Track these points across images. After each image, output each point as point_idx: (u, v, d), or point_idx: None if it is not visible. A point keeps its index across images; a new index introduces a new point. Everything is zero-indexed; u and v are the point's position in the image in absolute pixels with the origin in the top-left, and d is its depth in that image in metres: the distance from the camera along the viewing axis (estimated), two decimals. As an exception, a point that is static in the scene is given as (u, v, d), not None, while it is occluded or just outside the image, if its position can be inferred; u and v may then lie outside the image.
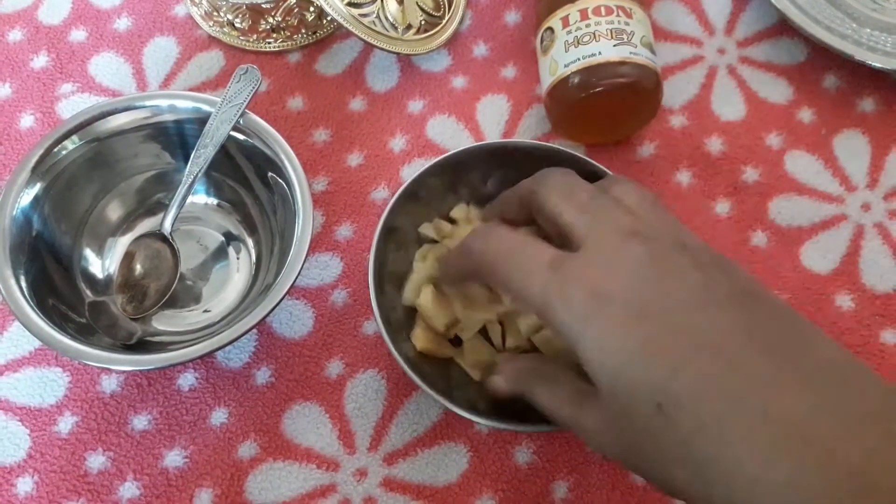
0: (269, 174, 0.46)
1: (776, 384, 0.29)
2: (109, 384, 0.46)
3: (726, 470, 0.29)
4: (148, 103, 0.46)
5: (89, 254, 0.48)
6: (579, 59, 0.48)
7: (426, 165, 0.46)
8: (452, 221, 0.48)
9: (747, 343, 0.30)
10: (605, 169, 0.46)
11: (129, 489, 0.44)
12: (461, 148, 0.46)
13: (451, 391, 0.43)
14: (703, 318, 0.31)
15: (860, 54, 0.53)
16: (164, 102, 0.46)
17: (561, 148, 0.47)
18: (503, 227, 0.39)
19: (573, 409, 0.35)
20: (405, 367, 0.41)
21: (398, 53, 0.53)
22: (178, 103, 0.46)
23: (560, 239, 0.36)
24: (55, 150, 0.45)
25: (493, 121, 0.54)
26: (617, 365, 0.31)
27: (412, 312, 0.46)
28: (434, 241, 0.48)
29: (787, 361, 0.30)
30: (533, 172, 0.47)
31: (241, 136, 0.46)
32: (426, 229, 0.47)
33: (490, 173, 0.48)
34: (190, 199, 0.47)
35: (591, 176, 0.46)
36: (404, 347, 0.43)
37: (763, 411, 0.29)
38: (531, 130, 0.54)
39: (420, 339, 0.44)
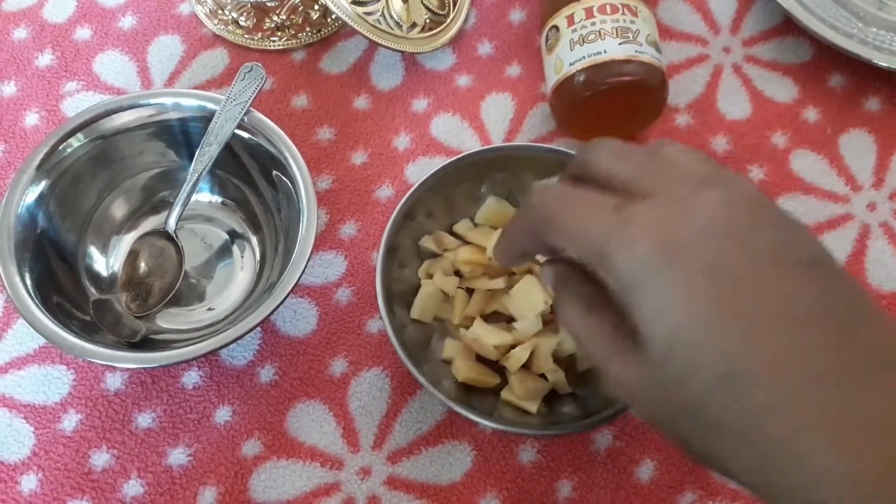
0: (274, 172, 0.46)
1: (858, 372, 0.27)
2: (114, 382, 0.46)
3: (797, 456, 0.27)
4: (153, 101, 0.46)
5: (94, 251, 0.48)
6: (584, 58, 0.48)
7: (418, 182, 0.46)
8: (454, 235, 0.48)
9: (829, 321, 0.28)
10: None
11: (133, 487, 0.44)
12: (448, 161, 0.47)
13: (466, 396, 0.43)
14: (787, 286, 0.28)
15: (866, 53, 0.53)
16: (168, 100, 0.47)
17: (545, 146, 0.48)
18: (562, 183, 0.35)
19: (608, 350, 0.32)
20: (434, 391, 0.41)
21: (403, 52, 0.53)
22: (183, 101, 0.46)
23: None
24: (60, 147, 0.45)
25: (497, 119, 0.54)
26: (681, 322, 0.28)
27: (423, 327, 0.46)
28: (435, 255, 0.48)
29: (865, 348, 0.28)
30: (526, 173, 0.48)
31: (245, 135, 0.46)
32: (427, 242, 0.47)
33: (483, 179, 0.48)
34: (194, 197, 0.47)
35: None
36: (419, 358, 0.43)
37: (842, 403, 0.27)
38: (536, 129, 0.54)
39: (461, 370, 0.44)
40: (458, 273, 0.47)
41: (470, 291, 0.47)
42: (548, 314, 0.45)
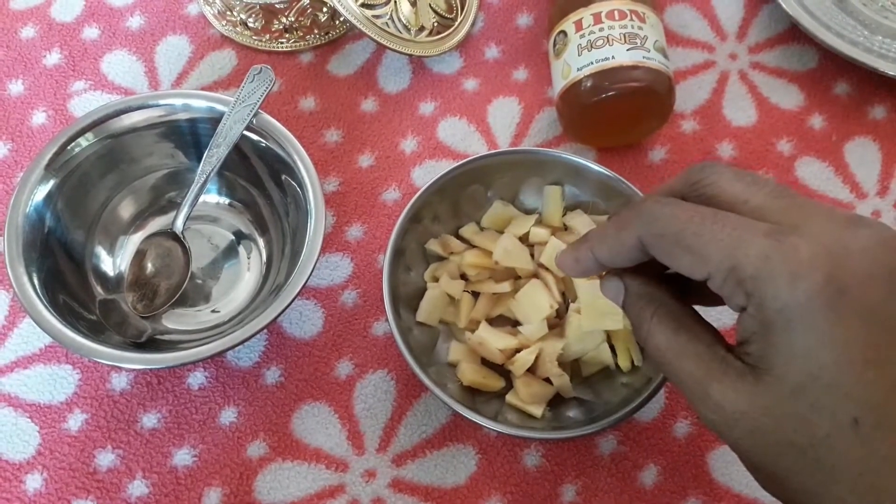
0: (283, 176, 0.46)
1: None
2: (119, 382, 0.46)
3: None
4: (162, 102, 0.47)
5: (101, 251, 0.48)
6: (592, 63, 0.48)
7: (426, 185, 0.46)
8: (460, 239, 0.48)
9: None
10: (617, 176, 0.46)
11: (137, 487, 0.44)
12: (455, 164, 0.47)
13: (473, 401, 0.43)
14: None
15: (871, 61, 0.53)
16: (178, 101, 0.47)
17: (548, 151, 0.48)
18: (681, 201, 0.33)
19: (705, 372, 0.31)
20: (439, 394, 0.41)
21: (410, 55, 0.53)
22: (193, 102, 0.47)
23: None
24: (69, 147, 0.45)
25: (504, 123, 0.54)
26: (826, 362, 0.28)
27: (428, 330, 0.46)
28: (441, 259, 0.48)
29: None
30: (532, 178, 0.48)
31: (255, 137, 0.46)
32: (433, 245, 0.48)
33: (490, 183, 0.48)
34: (202, 198, 0.47)
35: (599, 184, 0.47)
36: (424, 361, 0.43)
37: None
38: (542, 133, 0.54)
39: (467, 373, 0.44)
40: (463, 276, 0.47)
41: (475, 295, 0.47)
42: (553, 318, 0.45)
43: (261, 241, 0.49)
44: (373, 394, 0.46)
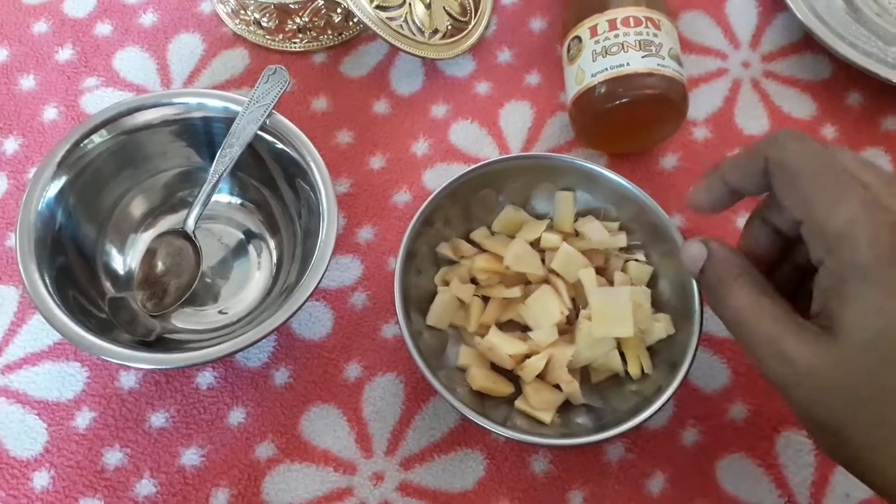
0: (297, 180, 0.46)
1: None
2: (128, 380, 0.46)
3: None
4: (177, 101, 0.46)
5: (112, 249, 0.48)
6: (606, 70, 0.48)
7: (438, 188, 0.46)
8: (471, 243, 0.48)
9: None
10: (630, 183, 0.46)
11: (145, 486, 0.44)
12: (468, 168, 0.47)
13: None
14: None
15: (884, 72, 0.53)
16: (193, 100, 0.46)
17: (561, 157, 0.48)
18: (814, 141, 0.35)
19: (780, 328, 0.33)
20: (448, 398, 0.41)
21: (424, 58, 0.53)
22: (207, 102, 0.46)
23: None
24: (82, 144, 0.45)
25: (515, 127, 0.54)
26: (895, 318, 0.30)
27: (438, 334, 0.46)
28: (452, 262, 0.48)
29: None
30: (544, 183, 0.48)
31: (268, 138, 0.46)
32: (444, 249, 0.47)
33: (501, 188, 0.48)
34: (213, 197, 0.46)
35: (612, 191, 0.47)
36: (434, 365, 0.43)
37: None
38: (554, 138, 0.54)
39: (476, 378, 0.44)
40: (474, 281, 0.47)
41: (486, 300, 0.47)
42: (563, 324, 0.45)
43: (272, 242, 0.49)
44: (381, 396, 0.46)
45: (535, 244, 0.47)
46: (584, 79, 0.49)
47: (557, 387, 0.44)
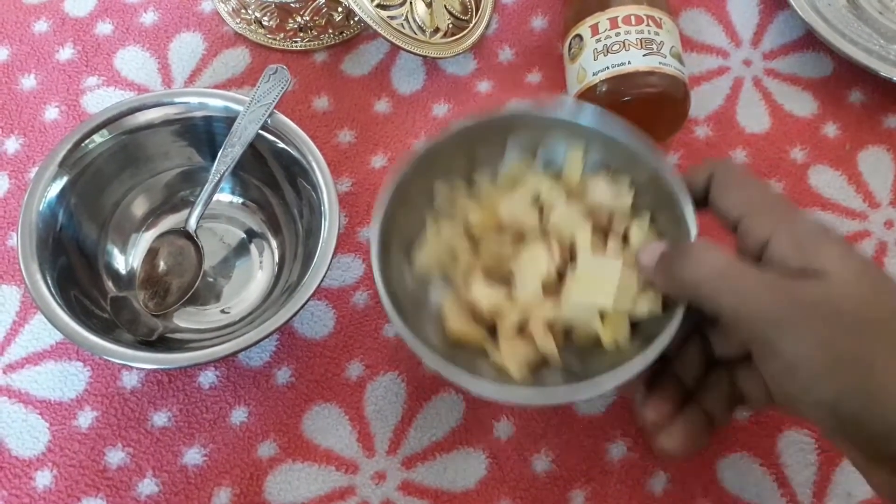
0: (299, 179, 0.46)
1: None
2: (130, 380, 0.46)
3: None
4: (178, 100, 0.46)
5: (113, 248, 0.48)
6: (608, 68, 0.48)
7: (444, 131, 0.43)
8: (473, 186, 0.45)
9: None
10: (646, 143, 0.43)
11: (147, 486, 0.44)
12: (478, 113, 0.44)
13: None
14: None
15: (886, 70, 0.53)
16: (194, 100, 0.46)
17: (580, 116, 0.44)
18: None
19: (773, 275, 0.35)
20: (413, 342, 0.38)
21: (425, 56, 0.53)
22: (209, 101, 0.46)
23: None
24: (83, 143, 0.45)
25: (517, 126, 0.54)
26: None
27: (422, 284, 0.43)
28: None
29: None
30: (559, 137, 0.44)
31: (270, 137, 0.46)
32: (441, 193, 0.44)
33: (508, 132, 0.45)
34: (215, 197, 0.46)
35: (627, 153, 0.43)
36: (413, 324, 0.40)
37: None
38: (555, 137, 0.54)
39: (451, 319, 0.42)
40: (467, 233, 0.44)
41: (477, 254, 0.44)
42: (552, 284, 0.42)
43: (273, 242, 0.49)
44: (383, 395, 0.46)
45: (535, 200, 0.44)
46: (585, 77, 0.49)
47: (539, 348, 0.42)
